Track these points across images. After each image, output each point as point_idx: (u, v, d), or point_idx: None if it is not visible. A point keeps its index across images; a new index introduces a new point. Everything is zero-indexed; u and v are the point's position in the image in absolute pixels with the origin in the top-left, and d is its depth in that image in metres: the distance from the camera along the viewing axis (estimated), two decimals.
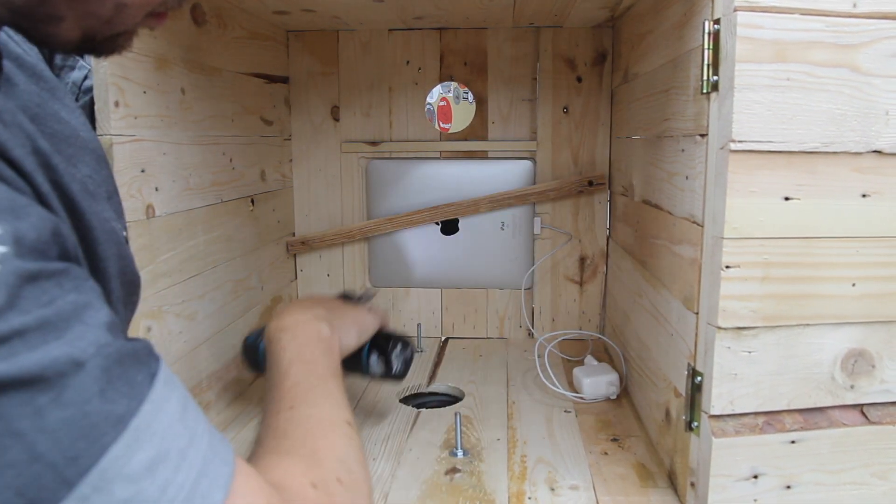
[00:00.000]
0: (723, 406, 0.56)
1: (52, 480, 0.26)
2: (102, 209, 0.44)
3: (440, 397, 0.95)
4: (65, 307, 0.29)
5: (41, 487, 0.26)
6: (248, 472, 0.34)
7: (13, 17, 0.38)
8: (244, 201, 0.95)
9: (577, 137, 1.10)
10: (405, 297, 1.17)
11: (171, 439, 0.30)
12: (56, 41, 0.40)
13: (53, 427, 0.26)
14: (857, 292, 0.56)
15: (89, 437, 0.27)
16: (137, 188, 0.66)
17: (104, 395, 0.28)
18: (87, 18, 0.40)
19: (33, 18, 0.38)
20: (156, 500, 0.29)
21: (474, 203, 1.09)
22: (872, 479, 0.58)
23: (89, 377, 0.28)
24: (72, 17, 0.39)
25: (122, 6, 0.40)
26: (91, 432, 0.27)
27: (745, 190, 0.53)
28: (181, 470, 0.30)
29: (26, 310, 0.27)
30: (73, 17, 0.39)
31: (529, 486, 0.67)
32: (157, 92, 0.70)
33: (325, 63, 1.12)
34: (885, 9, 0.52)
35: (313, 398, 0.54)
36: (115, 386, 0.29)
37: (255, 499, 0.33)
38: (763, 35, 0.51)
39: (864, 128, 0.53)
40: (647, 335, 0.80)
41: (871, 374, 0.57)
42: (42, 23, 0.38)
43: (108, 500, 0.27)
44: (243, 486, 0.32)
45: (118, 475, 0.28)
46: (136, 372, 0.31)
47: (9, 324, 0.26)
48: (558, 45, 1.08)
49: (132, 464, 0.28)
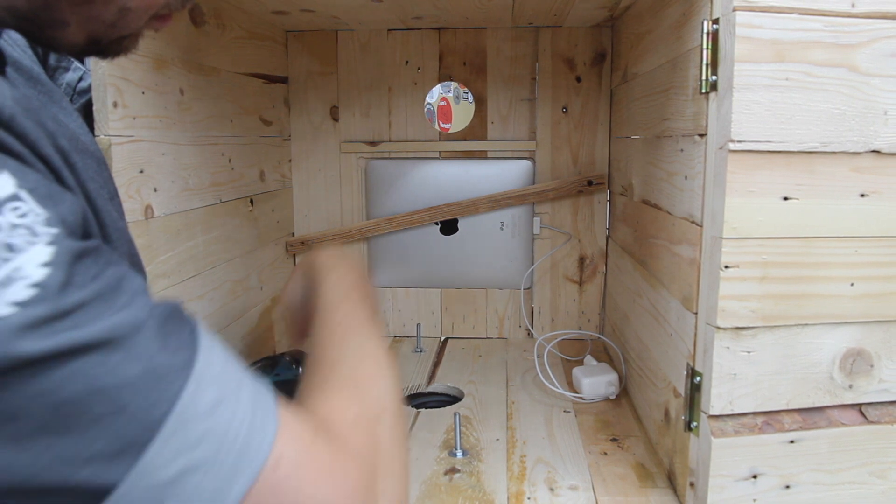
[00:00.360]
0: (722, 406, 0.56)
1: (138, 427, 0.30)
2: (107, 211, 0.45)
3: (439, 397, 0.95)
4: (110, 279, 0.32)
5: (129, 435, 0.30)
6: (286, 404, 0.38)
7: (17, 21, 0.38)
8: (243, 202, 0.95)
9: (576, 137, 1.10)
10: (405, 297, 1.17)
11: (224, 382, 0.34)
12: (61, 44, 0.41)
13: (131, 381, 0.30)
14: (856, 292, 0.56)
15: (162, 386, 0.31)
16: (136, 189, 0.66)
17: (165, 349, 0.32)
18: (92, 22, 0.40)
19: (38, 23, 0.39)
20: (224, 433, 0.32)
21: (474, 203, 1.09)
22: (871, 479, 0.58)
23: (149, 335, 0.32)
24: (76, 21, 0.40)
25: (126, 10, 0.41)
26: (163, 382, 0.31)
27: (743, 190, 0.53)
28: (239, 406, 0.34)
29: (82, 285, 0.30)
30: (77, 21, 0.40)
31: (529, 487, 0.67)
32: (155, 92, 0.70)
33: (325, 63, 1.12)
34: (884, 8, 0.52)
35: (359, 336, 0.57)
36: (171, 340, 0.33)
37: (300, 426, 0.37)
38: (762, 35, 0.51)
39: (863, 127, 0.53)
40: (646, 335, 0.80)
41: (869, 374, 0.57)
42: (47, 27, 0.39)
43: (186, 437, 0.31)
44: (287, 415, 0.36)
45: (191, 416, 0.31)
46: (182, 327, 0.35)
47: (71, 298, 0.29)
48: (557, 45, 1.08)
49: (200, 405, 0.32)
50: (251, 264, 0.98)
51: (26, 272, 0.29)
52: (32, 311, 0.28)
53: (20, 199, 0.30)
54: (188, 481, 0.31)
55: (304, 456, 0.35)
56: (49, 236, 0.30)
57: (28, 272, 0.29)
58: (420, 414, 0.85)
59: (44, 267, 0.29)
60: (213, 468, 0.32)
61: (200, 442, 0.32)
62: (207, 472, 0.32)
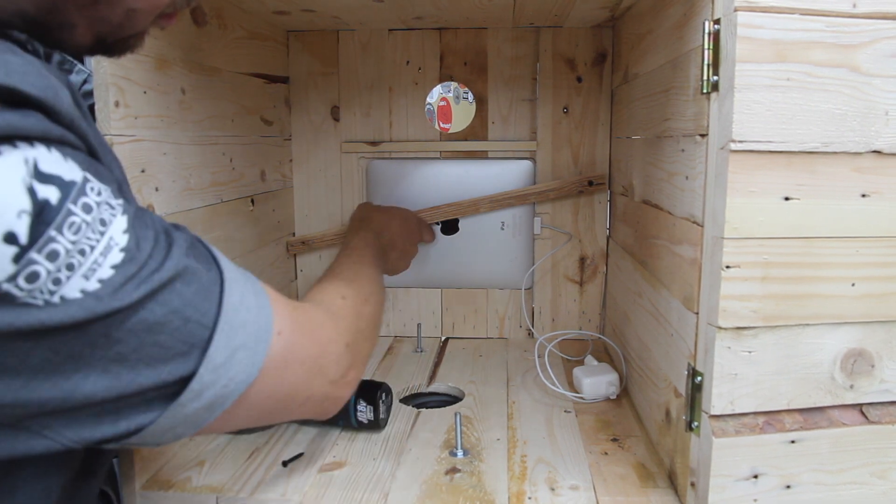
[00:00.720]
0: (723, 406, 0.56)
1: (200, 329, 0.42)
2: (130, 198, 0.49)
3: (440, 397, 0.96)
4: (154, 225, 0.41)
5: (196, 336, 0.41)
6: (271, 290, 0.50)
7: (26, 24, 0.39)
8: (244, 201, 0.95)
9: (577, 137, 1.10)
10: (405, 296, 1.17)
11: (238, 282, 0.45)
12: (69, 46, 0.42)
13: (189, 299, 0.41)
14: (857, 292, 0.56)
15: (209, 297, 0.43)
16: (137, 188, 0.66)
17: (203, 269, 0.43)
18: (99, 24, 0.42)
19: (46, 26, 0.41)
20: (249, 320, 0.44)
21: (474, 203, 1.09)
22: (872, 479, 0.58)
23: (192, 262, 0.42)
24: (84, 23, 0.41)
25: (133, 11, 0.43)
26: (209, 294, 0.43)
27: (745, 190, 0.53)
28: (250, 298, 0.45)
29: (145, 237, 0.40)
30: (85, 23, 0.41)
31: (529, 486, 0.67)
32: (157, 92, 0.70)
33: (325, 63, 1.12)
34: (885, 9, 0.52)
35: (370, 266, 0.77)
36: (202, 261, 0.44)
37: (283, 302, 0.50)
38: (763, 35, 0.51)
39: (864, 128, 0.53)
40: (647, 335, 0.80)
41: (870, 374, 0.58)
42: (55, 30, 0.41)
43: (230, 328, 0.43)
44: (274, 296, 0.49)
45: (229, 313, 0.43)
46: (203, 248, 0.46)
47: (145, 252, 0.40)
48: (558, 46, 1.08)
49: (232, 304, 0.43)
50: (252, 264, 0.98)
51: (116, 240, 0.38)
52: (127, 269, 0.38)
53: (90, 180, 0.37)
54: (234, 358, 0.43)
55: (291, 323, 0.49)
56: (121, 207, 0.39)
57: (118, 240, 0.38)
58: (421, 414, 0.85)
59: (125, 233, 0.38)
60: (248, 344, 0.44)
61: (238, 329, 0.43)
62: (245, 348, 0.44)
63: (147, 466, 0.69)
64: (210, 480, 0.68)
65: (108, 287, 0.37)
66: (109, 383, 0.39)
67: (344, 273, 0.71)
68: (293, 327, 0.49)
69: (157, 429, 0.42)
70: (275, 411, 0.50)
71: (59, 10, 0.40)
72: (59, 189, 0.35)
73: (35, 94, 0.34)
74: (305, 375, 0.50)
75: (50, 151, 0.35)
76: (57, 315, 0.35)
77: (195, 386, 0.41)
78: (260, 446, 0.76)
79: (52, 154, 0.35)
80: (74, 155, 0.37)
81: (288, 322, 0.49)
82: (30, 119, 0.34)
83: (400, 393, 0.92)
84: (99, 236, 0.37)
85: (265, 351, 0.45)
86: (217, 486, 0.67)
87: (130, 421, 0.41)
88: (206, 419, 0.44)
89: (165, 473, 0.70)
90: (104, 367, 0.38)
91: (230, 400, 0.44)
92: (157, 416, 0.41)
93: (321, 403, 0.54)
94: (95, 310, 0.36)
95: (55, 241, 0.35)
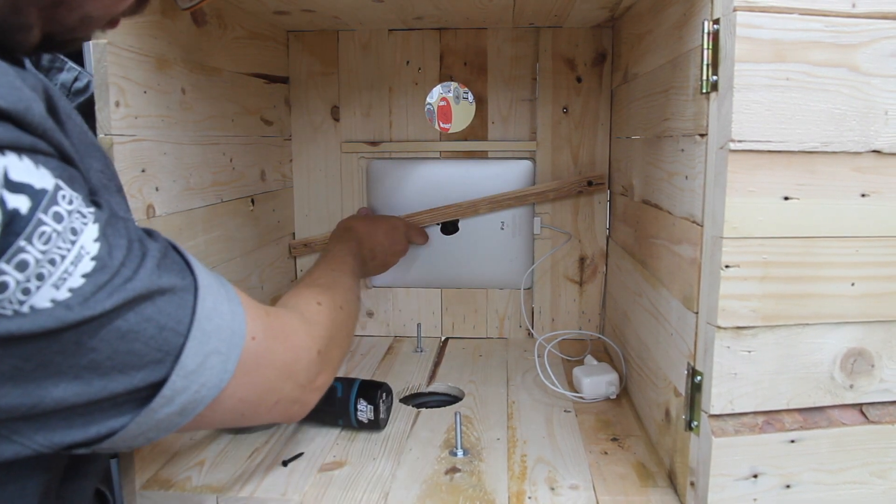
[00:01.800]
0: (722, 405, 0.56)
1: (173, 336, 0.42)
2: (115, 202, 0.49)
3: (440, 397, 0.96)
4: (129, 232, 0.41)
5: (169, 342, 0.41)
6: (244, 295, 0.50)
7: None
8: (244, 201, 0.95)
9: (576, 137, 1.10)
10: (405, 297, 1.17)
11: (213, 289, 0.45)
12: (22, 47, 0.43)
13: (163, 307, 0.41)
14: (857, 292, 0.56)
15: (183, 305, 0.43)
16: (138, 188, 0.66)
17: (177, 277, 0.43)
18: (53, 25, 0.43)
19: (6, 28, 0.40)
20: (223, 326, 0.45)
21: (474, 205, 1.09)
22: (872, 479, 0.58)
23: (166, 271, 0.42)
24: (39, 24, 0.42)
25: (89, 17, 0.44)
26: (182, 302, 0.43)
27: (744, 190, 0.53)
28: (223, 304, 0.46)
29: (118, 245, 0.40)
30: (40, 24, 0.42)
31: (529, 486, 0.67)
32: (157, 92, 0.70)
33: (325, 63, 1.12)
34: (884, 9, 0.52)
35: (347, 275, 0.78)
36: (176, 268, 0.44)
37: (255, 309, 0.50)
38: (762, 35, 0.51)
39: (864, 127, 0.53)
40: (646, 335, 0.80)
41: (870, 374, 0.58)
42: (15, 31, 0.42)
43: (203, 335, 0.43)
44: (247, 302, 0.50)
45: (203, 320, 0.43)
46: (178, 255, 0.45)
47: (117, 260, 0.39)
48: (558, 46, 1.08)
49: (205, 311, 0.44)
50: (252, 264, 0.98)
51: (87, 248, 0.38)
52: (98, 278, 0.38)
53: (62, 188, 0.37)
54: (207, 363, 0.44)
55: (264, 328, 0.50)
56: (92, 215, 0.39)
57: (88, 248, 0.38)
58: (421, 414, 0.85)
59: (96, 242, 0.38)
60: (220, 350, 0.44)
61: (211, 335, 0.44)
62: (218, 353, 0.44)
63: (147, 466, 0.69)
64: (210, 480, 0.68)
65: (79, 296, 0.37)
66: (80, 389, 0.39)
67: (321, 280, 0.72)
68: (267, 332, 0.50)
69: (128, 434, 0.42)
70: (245, 414, 0.50)
71: (20, 11, 0.40)
72: (30, 198, 0.35)
73: (4, 106, 0.34)
74: (277, 380, 0.51)
75: (21, 160, 0.35)
76: (26, 325, 0.35)
77: (167, 392, 0.42)
78: (260, 446, 0.76)
79: (23, 162, 0.35)
80: (47, 162, 0.37)
81: (261, 327, 0.49)
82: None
83: (400, 393, 0.92)
84: (70, 245, 0.37)
85: (238, 356, 0.46)
86: (217, 485, 0.67)
87: (101, 426, 0.41)
88: (177, 423, 0.44)
89: (165, 473, 0.70)
90: (76, 374, 0.38)
91: (203, 404, 0.44)
92: (129, 421, 0.42)
93: (290, 407, 0.54)
94: (65, 319, 0.36)
95: (24, 252, 0.35)
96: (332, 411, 0.79)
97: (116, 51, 0.62)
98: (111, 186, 0.50)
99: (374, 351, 1.10)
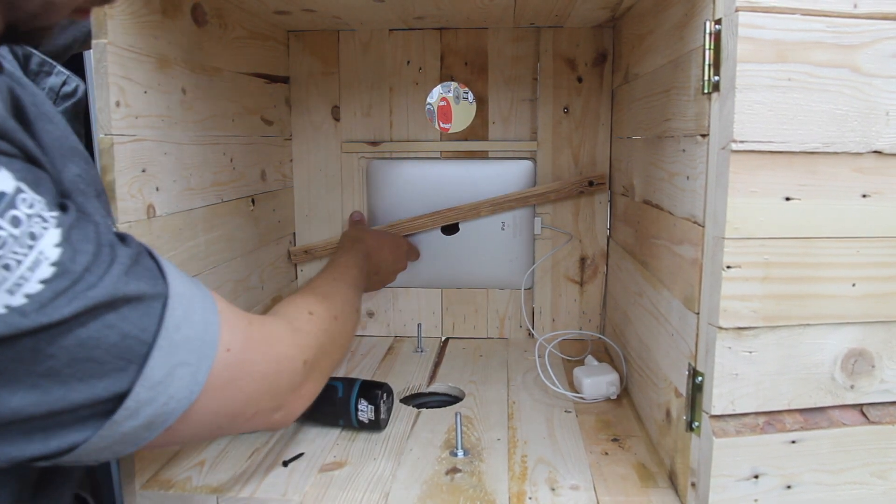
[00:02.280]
0: (723, 406, 0.56)
1: (137, 345, 0.40)
2: (92, 206, 0.48)
3: (440, 397, 0.95)
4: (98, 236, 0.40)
5: (132, 351, 0.40)
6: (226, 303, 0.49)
7: None
8: (245, 201, 0.95)
9: (577, 137, 1.10)
10: (405, 297, 1.17)
11: (186, 298, 0.44)
12: None
13: (127, 315, 0.40)
14: (858, 292, 0.56)
15: (149, 313, 0.41)
16: (138, 188, 0.66)
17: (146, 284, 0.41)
18: (14, 11, 0.42)
19: None
20: (193, 336, 0.43)
21: (476, 207, 1.09)
22: (872, 479, 0.58)
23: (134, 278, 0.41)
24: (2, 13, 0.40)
25: (51, 4, 0.42)
26: (149, 310, 0.41)
27: (746, 190, 0.53)
28: (196, 314, 0.44)
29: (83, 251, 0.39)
30: (2, 12, 0.40)
31: (530, 486, 0.67)
32: (158, 92, 0.70)
33: (326, 63, 1.12)
34: (886, 9, 0.52)
35: (348, 286, 0.77)
36: (147, 275, 0.42)
37: (235, 318, 0.49)
38: (764, 35, 0.51)
39: (865, 128, 0.53)
40: (647, 335, 0.80)
41: (870, 374, 0.58)
42: None
43: (170, 345, 0.41)
44: (227, 312, 0.48)
45: (171, 329, 0.42)
46: (151, 261, 0.44)
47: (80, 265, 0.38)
48: (559, 46, 1.08)
49: (175, 320, 0.42)
50: (252, 264, 0.98)
51: (47, 254, 0.36)
52: (57, 284, 0.36)
53: (23, 191, 0.36)
54: (174, 375, 0.42)
55: (243, 339, 0.48)
56: (55, 219, 0.37)
57: (48, 254, 0.36)
58: (421, 414, 0.85)
59: (57, 247, 0.37)
60: (189, 361, 0.43)
61: (179, 346, 0.42)
62: (187, 364, 0.43)
63: (147, 466, 0.69)
64: (210, 480, 0.68)
65: (35, 302, 0.36)
66: (38, 399, 0.37)
67: (320, 288, 0.71)
68: (245, 344, 0.48)
69: (92, 447, 0.41)
70: (222, 426, 0.49)
71: None
72: None
73: None
74: (255, 392, 0.49)
75: None
76: None
77: (130, 404, 0.40)
78: (260, 446, 0.76)
79: None
80: (9, 163, 0.36)
81: (240, 338, 0.48)
82: None
83: (400, 393, 0.92)
84: (27, 250, 0.35)
85: (208, 368, 0.44)
86: (217, 486, 0.67)
87: (62, 439, 0.40)
88: (145, 437, 0.43)
89: (165, 473, 0.70)
90: (33, 383, 0.37)
91: (172, 417, 0.43)
92: (91, 434, 0.40)
93: (270, 416, 0.53)
94: (20, 325, 0.35)
95: None
96: (333, 411, 0.79)
97: (117, 51, 0.62)
98: (89, 191, 0.49)
99: (374, 351, 1.10)
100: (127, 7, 0.63)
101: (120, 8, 0.62)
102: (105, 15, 0.60)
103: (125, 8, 0.63)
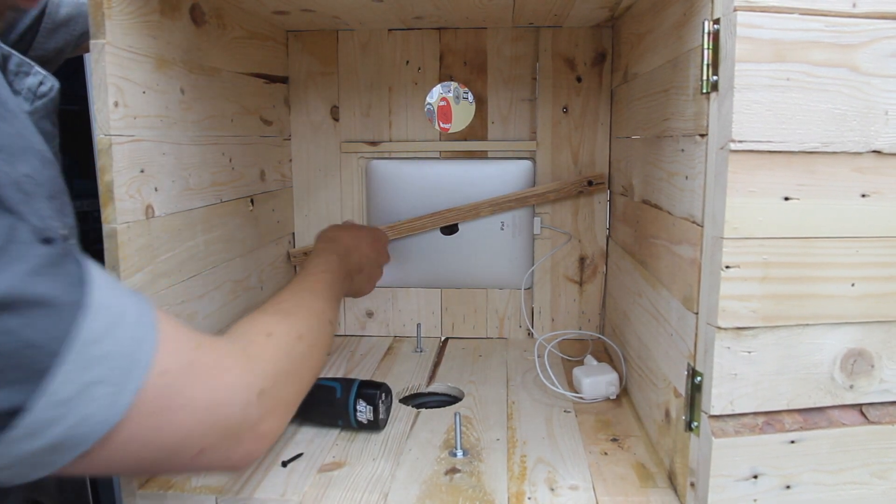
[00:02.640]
0: (722, 406, 0.56)
1: (41, 356, 0.36)
2: (32, 207, 0.47)
3: (440, 397, 0.95)
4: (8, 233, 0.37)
5: (34, 364, 0.36)
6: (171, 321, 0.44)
7: None
8: (244, 201, 0.95)
9: (576, 137, 1.10)
10: (405, 297, 1.17)
11: (111, 308, 0.39)
12: None
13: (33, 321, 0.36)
14: (857, 292, 0.56)
15: (61, 322, 0.37)
16: (137, 188, 0.66)
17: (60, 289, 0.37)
18: None
19: None
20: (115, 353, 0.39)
21: (475, 208, 1.09)
22: (872, 479, 0.58)
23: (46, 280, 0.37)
24: None
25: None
26: (61, 318, 0.37)
27: (744, 190, 0.53)
28: (125, 329, 0.40)
29: None
30: None
31: (529, 487, 0.67)
32: (156, 92, 0.70)
33: (325, 63, 1.12)
34: (885, 9, 0.52)
35: (319, 296, 0.69)
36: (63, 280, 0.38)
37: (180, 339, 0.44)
38: (762, 35, 0.51)
39: (864, 128, 0.53)
40: (646, 335, 0.80)
41: (870, 374, 0.57)
42: None
43: (84, 360, 0.37)
44: (169, 331, 0.43)
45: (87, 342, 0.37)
46: (72, 265, 0.39)
47: None
48: (558, 45, 1.08)
49: (93, 332, 0.38)
50: (251, 264, 0.98)
51: None
52: None
53: None
54: (88, 394, 0.37)
55: (185, 363, 0.43)
56: None
57: None
58: (420, 414, 0.85)
59: None
60: (110, 380, 0.38)
61: (96, 361, 0.38)
62: (106, 383, 0.38)
63: None
64: (210, 480, 0.68)
65: None
66: None
67: (283, 304, 0.64)
68: (185, 369, 0.43)
69: None
70: (159, 461, 0.43)
71: None
72: None
73: None
74: (196, 426, 0.44)
75: None
76: None
77: (29, 421, 0.36)
78: None
79: None
80: None
81: (181, 362, 0.43)
82: None
83: (399, 393, 0.92)
84: None
85: (135, 390, 0.39)
86: (217, 486, 0.67)
87: None
88: (56, 462, 0.38)
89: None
90: None
91: (86, 443, 0.38)
92: None
93: (225, 456, 0.47)
94: None
95: None
96: (331, 412, 0.79)
97: (115, 51, 0.62)
98: (37, 192, 0.47)
99: (373, 351, 1.10)
100: (125, 7, 0.63)
101: (118, 8, 0.62)
102: (103, 15, 0.60)
103: (123, 8, 0.63)
